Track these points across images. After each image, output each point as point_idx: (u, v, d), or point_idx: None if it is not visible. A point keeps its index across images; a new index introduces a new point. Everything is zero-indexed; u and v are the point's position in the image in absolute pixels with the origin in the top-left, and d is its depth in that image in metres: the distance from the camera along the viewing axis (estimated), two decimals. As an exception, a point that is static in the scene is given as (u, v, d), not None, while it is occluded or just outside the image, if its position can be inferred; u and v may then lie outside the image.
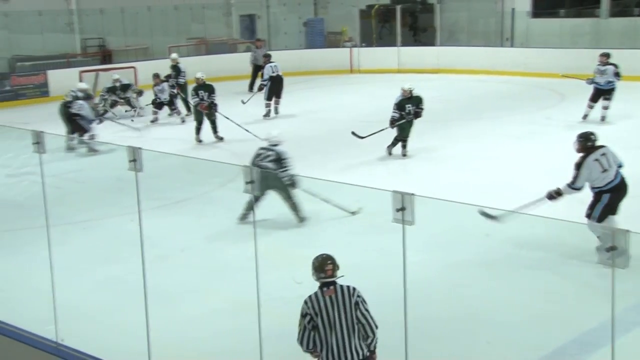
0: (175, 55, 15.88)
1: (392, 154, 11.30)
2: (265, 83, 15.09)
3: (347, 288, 4.17)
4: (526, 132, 12.69)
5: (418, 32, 23.40)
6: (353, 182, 8.05)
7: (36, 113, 16.08)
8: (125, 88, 15.64)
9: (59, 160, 11.09)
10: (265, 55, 16.12)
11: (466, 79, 19.15)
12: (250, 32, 24.41)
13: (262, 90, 15.21)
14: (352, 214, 8.27)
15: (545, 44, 20.04)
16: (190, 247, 7.78)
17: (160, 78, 15.06)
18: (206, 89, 12.64)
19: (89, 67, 18.13)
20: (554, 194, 6.88)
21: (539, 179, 9.50)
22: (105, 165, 11.58)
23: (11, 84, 17.75)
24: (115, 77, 15.71)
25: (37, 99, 17.91)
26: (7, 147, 11.24)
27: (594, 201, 6.80)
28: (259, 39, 19.72)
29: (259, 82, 15.70)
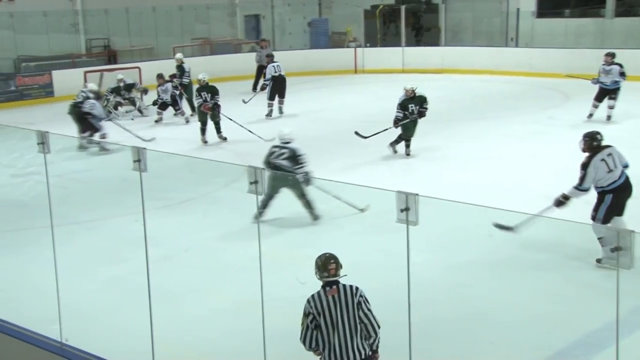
0: (180, 56, 15.90)
1: (396, 151, 11.28)
2: (267, 83, 15.11)
3: (350, 287, 4.17)
4: (530, 132, 12.67)
5: (420, 32, 23.37)
6: (356, 181, 8.04)
7: (41, 113, 16.13)
8: (129, 88, 15.65)
9: (63, 161, 11.10)
10: (268, 55, 16.13)
11: (470, 79, 19.13)
12: (256, 32, 24.45)
13: (265, 89, 15.25)
14: (361, 210, 8.29)
15: (550, 44, 20.00)
16: (194, 247, 7.79)
17: (164, 78, 15.08)
18: (209, 91, 12.60)
19: (94, 68, 18.15)
20: (561, 199, 6.70)
21: (543, 179, 9.51)
22: (109, 165, 11.59)
23: (16, 84, 17.78)
24: (119, 77, 15.72)
25: (42, 99, 17.96)
26: (12, 147, 11.28)
27: (597, 202, 6.76)
28: (264, 39, 19.74)
29: (262, 82, 15.75)
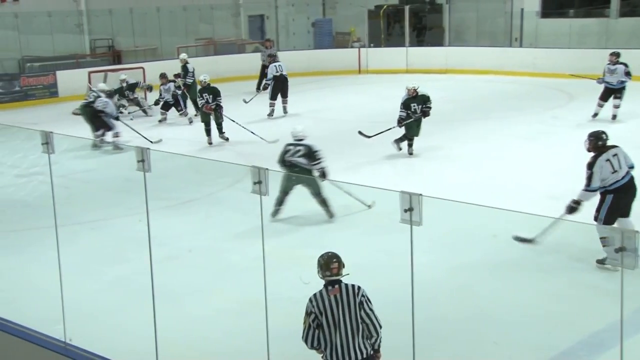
0: (184, 56, 15.91)
1: (401, 149, 11.27)
2: (269, 82, 15.13)
3: (352, 287, 4.17)
4: (534, 133, 12.65)
5: (422, 32, 23.34)
6: (360, 181, 8.07)
7: (45, 113, 16.16)
8: (132, 87, 15.66)
9: (67, 161, 11.12)
10: (270, 55, 16.14)
11: (474, 79, 19.11)
12: (261, 32, 24.45)
13: (267, 89, 15.26)
14: (369, 207, 8.32)
15: (554, 44, 19.97)
16: (198, 247, 7.79)
17: (167, 78, 15.09)
18: (210, 92, 12.53)
19: (98, 68, 18.14)
20: (573, 205, 6.66)
21: (547, 179, 9.50)
22: (113, 165, 11.61)
23: (20, 85, 17.81)
24: (122, 77, 15.71)
25: (46, 100, 17.99)
26: (16, 147, 11.30)
27: (599, 202, 6.73)
28: (268, 39, 19.76)
29: (264, 82, 15.77)
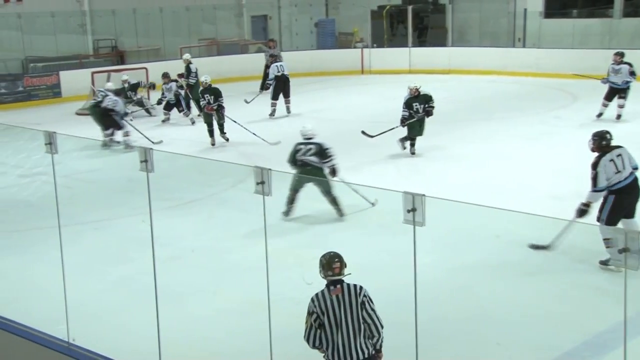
0: (187, 56, 15.92)
1: (405, 147, 11.27)
2: (270, 82, 15.15)
3: (354, 287, 4.17)
4: (537, 133, 12.63)
5: (424, 33, 23.32)
6: (363, 181, 8.06)
7: (48, 113, 16.20)
8: (134, 88, 15.68)
9: (70, 161, 11.14)
10: (272, 55, 16.15)
11: (477, 80, 19.09)
12: (263, 33, 24.46)
13: (268, 89, 15.27)
14: (372, 204, 8.33)
15: (557, 44, 19.94)
16: (201, 248, 7.79)
17: (170, 77, 15.10)
18: (212, 93, 12.49)
19: (101, 68, 18.18)
20: (583, 208, 6.62)
21: (550, 180, 9.49)
22: (116, 165, 11.63)
23: (24, 85, 17.85)
24: (124, 78, 15.73)
25: (50, 100, 18.03)
26: (20, 147, 11.32)
27: (602, 203, 6.70)
28: (272, 40, 19.77)
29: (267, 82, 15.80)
